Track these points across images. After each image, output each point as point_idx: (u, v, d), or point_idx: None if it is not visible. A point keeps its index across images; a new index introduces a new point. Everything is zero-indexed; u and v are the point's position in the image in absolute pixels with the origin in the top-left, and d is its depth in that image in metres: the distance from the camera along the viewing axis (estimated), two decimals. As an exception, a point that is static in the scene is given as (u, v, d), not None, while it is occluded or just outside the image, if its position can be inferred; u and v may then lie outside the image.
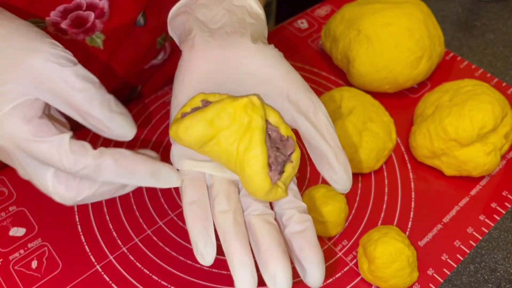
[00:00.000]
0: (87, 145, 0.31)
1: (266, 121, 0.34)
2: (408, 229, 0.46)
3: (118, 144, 0.49)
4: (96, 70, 0.43)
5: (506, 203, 0.48)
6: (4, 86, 0.30)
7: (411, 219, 0.47)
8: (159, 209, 0.47)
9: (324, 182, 0.50)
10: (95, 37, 0.50)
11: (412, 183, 0.50)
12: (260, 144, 0.32)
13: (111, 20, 0.49)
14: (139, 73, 0.60)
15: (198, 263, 0.44)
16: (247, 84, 0.36)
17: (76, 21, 0.47)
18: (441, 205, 0.48)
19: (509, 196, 0.49)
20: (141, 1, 0.51)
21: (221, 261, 0.44)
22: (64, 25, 0.47)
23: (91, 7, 0.47)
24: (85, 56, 0.51)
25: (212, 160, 0.35)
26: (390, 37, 0.54)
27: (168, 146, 0.52)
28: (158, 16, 0.54)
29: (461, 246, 0.45)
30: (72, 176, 0.32)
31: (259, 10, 0.40)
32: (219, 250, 0.45)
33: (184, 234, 0.46)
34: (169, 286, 0.43)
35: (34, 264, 0.43)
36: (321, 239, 0.46)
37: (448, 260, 0.44)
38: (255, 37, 0.37)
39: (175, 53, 0.64)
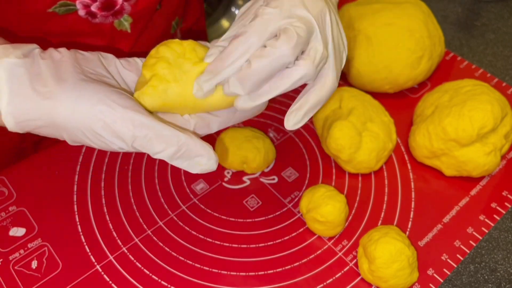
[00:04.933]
0: None
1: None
2: (408, 229, 0.46)
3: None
4: (123, 54, 0.43)
5: (506, 203, 0.48)
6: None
7: (411, 219, 0.47)
8: (159, 209, 0.47)
9: (324, 182, 0.50)
10: (123, 20, 0.51)
11: (412, 183, 0.50)
12: None
13: (138, 2, 0.50)
14: None
15: (198, 263, 0.44)
16: None
17: (106, 4, 0.48)
18: (441, 205, 0.48)
19: (509, 196, 0.49)
20: None
21: (221, 261, 0.44)
22: (94, 8, 0.48)
23: None
24: (113, 40, 0.52)
25: None
26: (390, 37, 0.54)
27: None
28: (171, 0, 0.56)
29: (461, 246, 0.45)
30: None
31: None
32: (218, 251, 0.45)
33: (184, 234, 0.46)
34: (169, 286, 0.43)
35: (34, 264, 0.43)
36: (321, 239, 0.46)
37: (448, 260, 0.44)
38: None
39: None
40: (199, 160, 0.35)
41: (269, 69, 0.33)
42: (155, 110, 0.35)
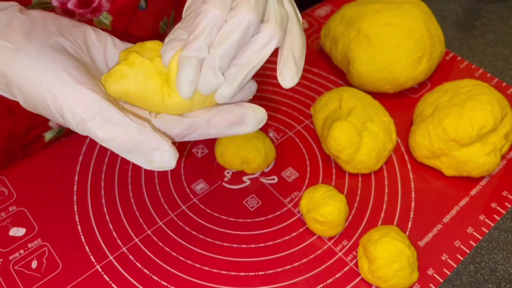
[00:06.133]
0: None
1: None
2: (408, 229, 0.46)
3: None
4: None
5: (506, 203, 0.48)
6: None
7: (411, 219, 0.47)
8: (159, 209, 0.47)
9: (324, 182, 0.50)
10: (102, 18, 0.50)
11: (412, 183, 0.50)
12: None
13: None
14: None
15: (198, 263, 0.44)
16: None
17: (82, 0, 0.47)
18: (441, 205, 0.48)
19: (509, 196, 0.49)
20: None
21: (221, 261, 0.44)
22: (70, 5, 0.47)
23: None
24: None
25: None
26: (390, 37, 0.54)
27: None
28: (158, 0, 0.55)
29: (461, 246, 0.45)
30: None
31: None
32: (218, 251, 0.45)
33: (184, 234, 0.46)
34: (169, 286, 0.43)
35: (34, 264, 0.43)
36: (321, 239, 0.46)
37: (448, 260, 0.44)
38: None
39: None
40: (152, 155, 0.32)
41: (238, 41, 0.31)
42: (119, 97, 0.34)
